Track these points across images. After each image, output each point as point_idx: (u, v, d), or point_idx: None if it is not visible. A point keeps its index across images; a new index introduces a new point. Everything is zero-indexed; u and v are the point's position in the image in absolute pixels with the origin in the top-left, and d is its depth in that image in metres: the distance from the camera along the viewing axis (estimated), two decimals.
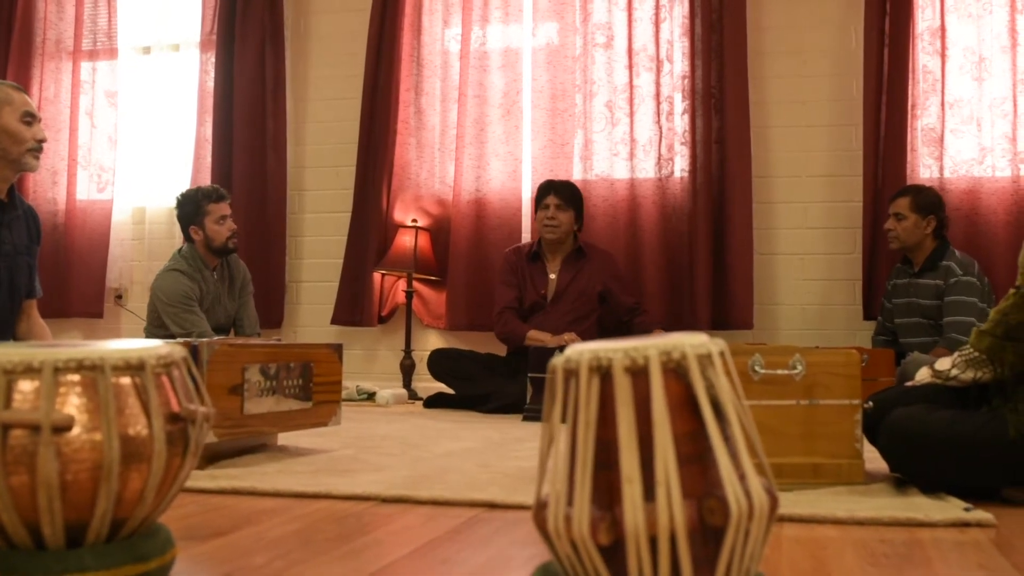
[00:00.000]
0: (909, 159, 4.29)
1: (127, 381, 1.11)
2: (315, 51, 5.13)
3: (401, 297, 4.83)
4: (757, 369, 1.91)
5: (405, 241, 4.68)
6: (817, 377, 1.94)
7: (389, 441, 2.75)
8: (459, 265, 4.71)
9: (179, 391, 1.17)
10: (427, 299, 4.88)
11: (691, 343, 0.94)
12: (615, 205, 4.56)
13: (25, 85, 5.25)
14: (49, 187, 5.28)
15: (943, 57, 4.28)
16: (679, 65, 4.52)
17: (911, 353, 3.50)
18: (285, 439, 2.63)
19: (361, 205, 4.86)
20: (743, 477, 0.92)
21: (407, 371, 4.69)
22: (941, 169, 4.27)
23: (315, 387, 2.42)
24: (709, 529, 0.89)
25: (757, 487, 0.91)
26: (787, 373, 1.92)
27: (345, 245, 4.89)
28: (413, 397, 4.57)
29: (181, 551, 1.26)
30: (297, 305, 5.08)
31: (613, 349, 0.92)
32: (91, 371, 1.09)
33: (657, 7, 4.56)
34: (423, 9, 4.89)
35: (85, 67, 5.40)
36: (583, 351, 0.94)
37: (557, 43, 4.71)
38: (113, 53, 5.34)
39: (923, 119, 4.30)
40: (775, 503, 0.94)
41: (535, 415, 3.58)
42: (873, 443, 2.02)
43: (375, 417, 3.65)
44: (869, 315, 4.31)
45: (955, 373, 1.94)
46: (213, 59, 5.13)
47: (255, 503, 1.77)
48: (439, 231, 4.82)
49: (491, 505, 1.73)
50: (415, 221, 4.77)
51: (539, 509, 0.96)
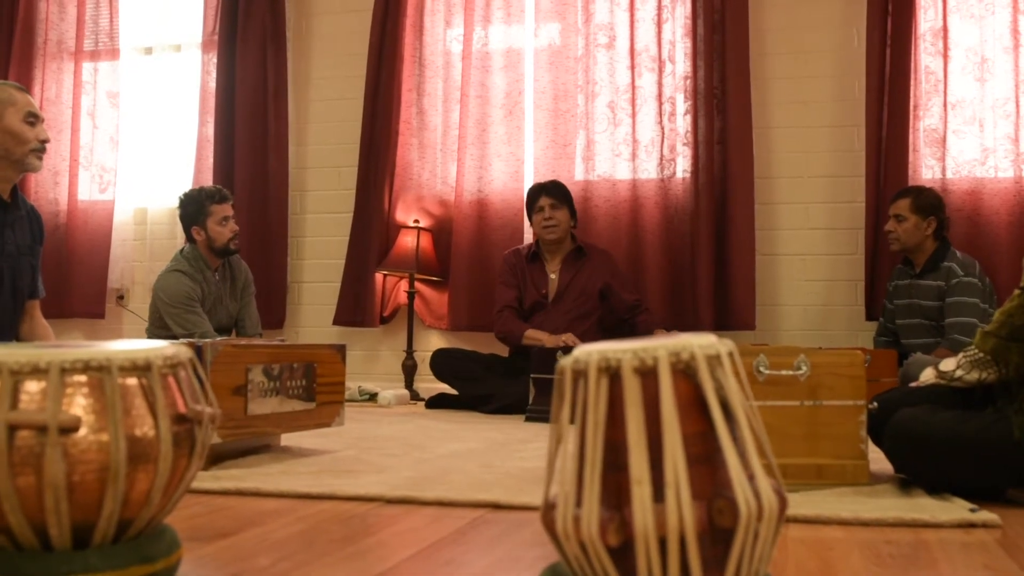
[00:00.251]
0: (911, 160, 4.28)
1: (133, 382, 1.11)
2: (317, 52, 5.12)
3: (403, 298, 4.83)
4: (762, 370, 1.91)
5: (407, 242, 4.68)
6: (821, 378, 1.93)
7: (392, 442, 2.75)
8: (461, 266, 4.71)
9: (185, 392, 1.16)
10: (429, 300, 4.87)
11: (700, 343, 0.94)
12: (617, 206, 4.56)
13: (27, 85, 5.24)
14: (51, 187, 5.27)
15: (945, 58, 4.28)
16: (681, 66, 4.52)
17: (913, 354, 3.50)
18: (288, 440, 2.63)
19: (363, 206, 4.86)
20: (752, 478, 0.92)
21: (409, 372, 4.69)
22: (943, 170, 4.27)
23: (318, 388, 2.42)
24: (718, 530, 0.89)
25: (766, 488, 0.91)
26: (792, 374, 1.91)
27: (347, 246, 4.89)
28: (415, 398, 4.57)
29: (186, 552, 1.26)
30: (299, 306, 5.07)
31: (622, 350, 0.92)
32: (98, 372, 1.08)
33: (659, 8, 4.55)
34: (425, 10, 4.89)
35: (87, 68, 5.40)
36: (591, 352, 0.94)
37: (559, 44, 4.71)
38: (115, 54, 5.34)
39: (925, 120, 4.30)
40: (784, 504, 0.94)
41: (538, 416, 3.58)
42: (878, 444, 2.02)
43: (377, 418, 3.65)
44: (871, 316, 4.31)
45: (960, 374, 1.94)
46: (215, 60, 5.13)
47: (259, 504, 1.77)
48: (441, 232, 4.82)
49: (496, 506, 1.73)
50: (417, 222, 4.77)
51: (547, 510, 0.95)
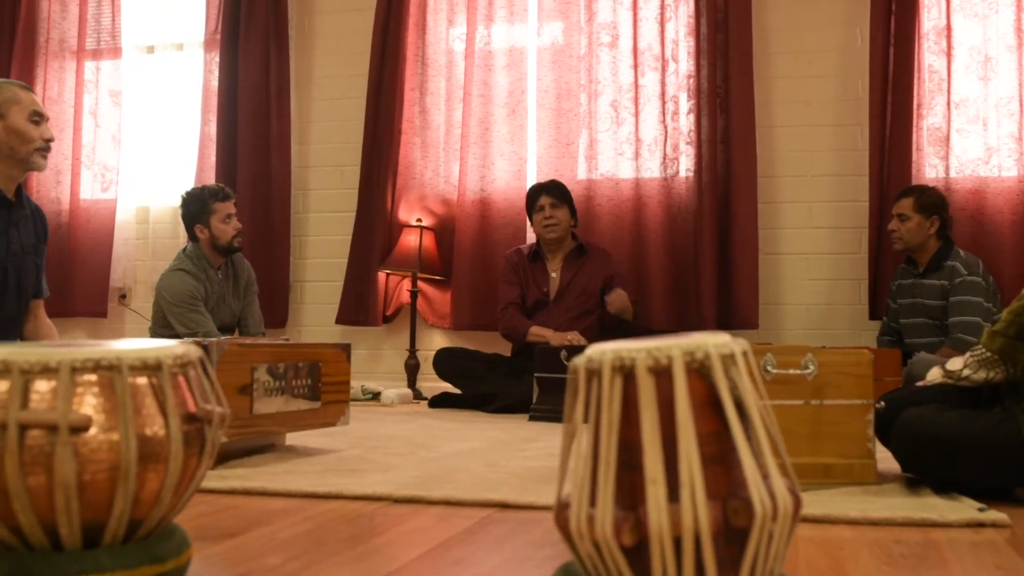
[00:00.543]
0: (915, 159, 4.28)
1: (144, 381, 1.10)
2: (320, 50, 5.12)
3: (406, 297, 4.83)
4: (769, 369, 1.91)
5: (410, 241, 4.67)
6: (829, 377, 1.93)
7: (396, 441, 2.75)
8: (464, 265, 4.71)
9: (195, 391, 1.16)
10: (432, 299, 4.87)
11: (714, 343, 0.94)
12: (620, 205, 4.55)
13: (29, 84, 5.23)
14: (53, 186, 5.27)
15: (949, 57, 4.27)
16: (684, 65, 4.51)
17: (917, 353, 3.49)
18: (292, 439, 2.63)
19: (366, 205, 4.86)
20: (766, 477, 0.92)
21: (412, 371, 4.68)
22: (947, 169, 4.26)
23: (323, 387, 2.42)
24: (733, 530, 0.89)
25: (781, 487, 0.91)
26: (799, 373, 1.91)
27: (350, 245, 4.88)
28: (418, 397, 4.57)
29: (194, 552, 1.26)
30: (301, 304, 5.07)
31: (636, 349, 0.92)
32: (108, 371, 1.08)
33: (662, 7, 4.55)
34: (428, 8, 4.88)
35: (89, 66, 5.40)
36: (605, 351, 0.93)
37: (562, 42, 4.70)
38: (117, 52, 5.34)
39: (929, 119, 4.29)
40: (799, 504, 0.93)
41: (541, 415, 3.58)
42: (884, 443, 2.01)
43: (380, 417, 3.65)
44: (875, 315, 4.30)
45: (967, 373, 1.93)
46: (217, 58, 5.12)
47: (266, 503, 1.77)
48: (444, 231, 4.81)
49: (503, 505, 1.72)
50: (420, 221, 4.76)
51: (561, 510, 0.95)
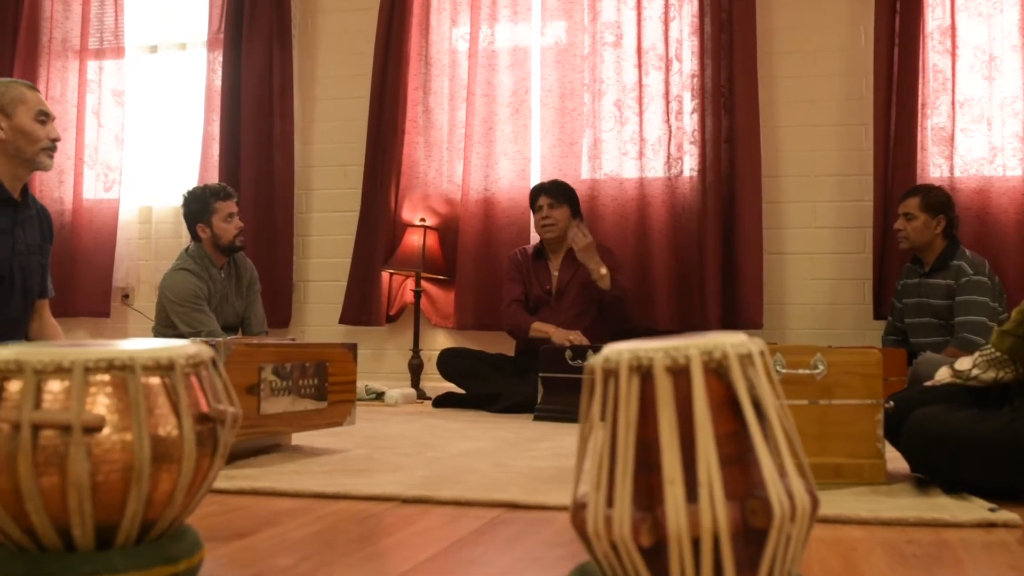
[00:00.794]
0: (919, 158, 4.27)
1: (156, 381, 1.10)
2: (323, 50, 5.11)
3: (409, 296, 4.82)
4: (779, 369, 1.90)
5: (413, 240, 4.67)
6: (838, 377, 1.93)
7: (402, 441, 2.74)
8: (467, 264, 4.70)
9: (207, 391, 1.16)
10: (435, 298, 4.86)
11: (731, 342, 0.93)
12: (624, 204, 4.55)
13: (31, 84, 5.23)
14: (56, 186, 5.27)
15: (953, 56, 4.27)
16: (688, 64, 4.51)
17: (923, 353, 3.48)
18: (298, 439, 2.63)
19: (369, 204, 4.85)
20: (784, 477, 0.92)
21: (415, 371, 4.68)
22: (951, 168, 4.26)
23: (330, 387, 2.41)
24: (751, 530, 0.88)
25: (799, 487, 0.91)
26: (808, 373, 1.91)
27: (353, 244, 4.88)
28: (421, 397, 4.56)
29: (206, 552, 1.25)
30: (304, 304, 5.07)
31: (653, 348, 0.91)
32: (121, 371, 1.07)
33: (666, 6, 4.54)
34: (431, 8, 4.88)
35: (92, 66, 5.39)
36: (622, 351, 0.93)
37: (566, 42, 4.70)
38: (120, 52, 5.33)
39: (933, 118, 4.29)
40: (816, 504, 0.93)
41: (546, 415, 3.57)
42: (893, 443, 2.01)
43: (385, 417, 3.65)
44: (879, 315, 4.29)
45: (976, 373, 1.93)
46: (220, 58, 5.12)
47: (274, 503, 1.76)
48: (447, 230, 4.81)
49: (513, 505, 1.72)
50: (423, 220, 4.76)
51: (577, 510, 0.95)
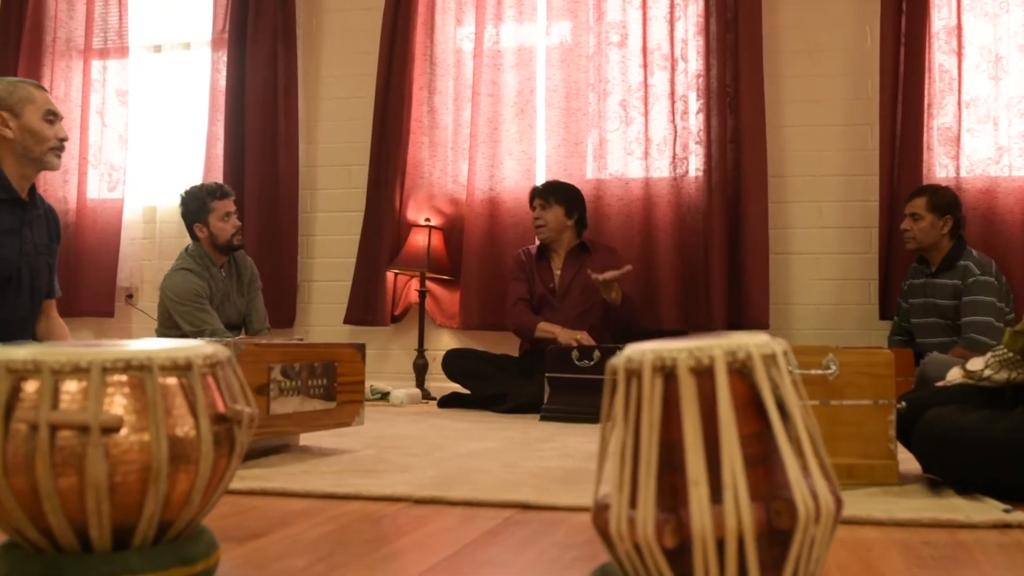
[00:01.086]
0: (925, 158, 4.26)
1: (173, 381, 1.10)
2: (327, 49, 5.11)
3: (414, 296, 4.82)
4: (791, 369, 1.89)
5: (418, 240, 4.66)
6: (850, 377, 1.92)
7: (410, 441, 2.74)
8: (472, 264, 4.70)
9: (224, 392, 1.15)
10: (440, 299, 4.86)
11: (755, 343, 0.93)
12: (629, 204, 4.54)
13: None
14: (60, 186, 5.26)
15: (959, 56, 4.26)
16: (694, 64, 4.50)
17: (930, 353, 3.48)
18: (306, 439, 2.62)
19: (374, 204, 4.84)
20: (808, 478, 0.91)
21: (420, 371, 4.67)
22: (957, 168, 4.25)
23: (339, 387, 2.41)
24: (775, 532, 0.88)
25: (823, 488, 0.90)
26: (821, 373, 1.90)
27: (358, 244, 4.87)
28: (426, 397, 4.55)
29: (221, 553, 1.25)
30: (309, 304, 5.06)
31: (677, 349, 0.91)
32: (139, 371, 1.07)
33: (672, 6, 4.53)
34: (436, 8, 4.87)
35: (96, 65, 5.39)
36: (645, 351, 0.92)
37: (571, 42, 4.69)
38: (124, 51, 5.33)
39: (939, 118, 4.28)
40: (840, 505, 0.92)
41: (553, 415, 3.57)
42: (904, 444, 2.00)
43: (390, 417, 3.64)
44: (885, 315, 4.29)
45: (988, 373, 1.92)
46: (225, 57, 5.11)
47: (286, 504, 1.76)
48: (452, 230, 4.80)
49: (525, 506, 1.71)
50: (428, 220, 4.75)
51: (599, 511, 0.94)
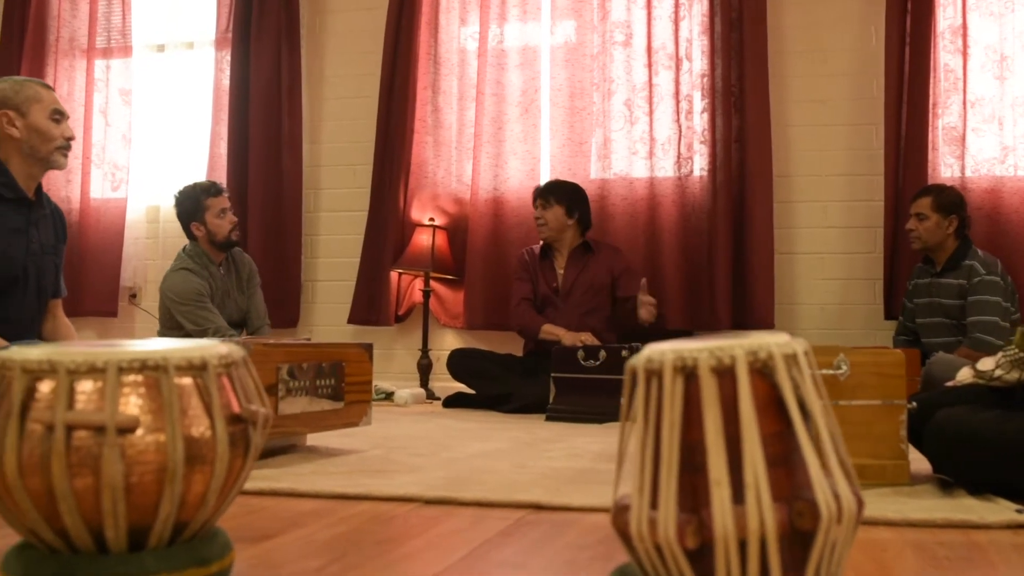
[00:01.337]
0: (930, 158, 4.26)
1: (188, 382, 1.09)
2: (331, 49, 5.10)
3: (418, 296, 4.81)
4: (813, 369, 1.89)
5: (422, 240, 4.66)
6: (861, 377, 1.91)
7: (417, 441, 2.73)
8: (476, 264, 4.69)
9: (239, 392, 1.15)
10: (444, 298, 4.85)
11: (776, 342, 0.93)
12: (634, 204, 4.53)
13: None
14: (63, 186, 5.25)
15: (965, 55, 4.25)
16: (698, 63, 4.49)
17: (936, 353, 3.47)
18: (313, 439, 2.62)
19: (378, 204, 4.84)
20: (830, 478, 0.91)
21: (424, 371, 4.66)
22: (962, 168, 4.24)
23: (346, 387, 2.40)
24: (797, 532, 0.87)
25: (845, 489, 0.90)
26: (832, 373, 1.90)
27: (362, 244, 4.86)
28: (431, 397, 4.55)
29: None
30: (313, 304, 5.06)
31: (697, 349, 0.91)
32: (154, 371, 1.07)
33: (676, 5, 4.52)
34: (440, 7, 4.86)
35: (99, 65, 5.38)
36: (665, 351, 0.92)
37: (575, 41, 4.68)
38: (127, 51, 5.32)
39: (944, 118, 4.27)
40: (862, 505, 0.92)
41: (559, 415, 3.56)
42: (915, 444, 1.99)
43: (396, 417, 3.64)
44: (890, 315, 4.28)
45: (999, 373, 1.91)
46: (228, 57, 5.11)
47: (296, 504, 1.75)
48: (456, 230, 4.80)
49: (537, 507, 1.71)
50: (432, 220, 4.75)
51: (619, 511, 0.94)
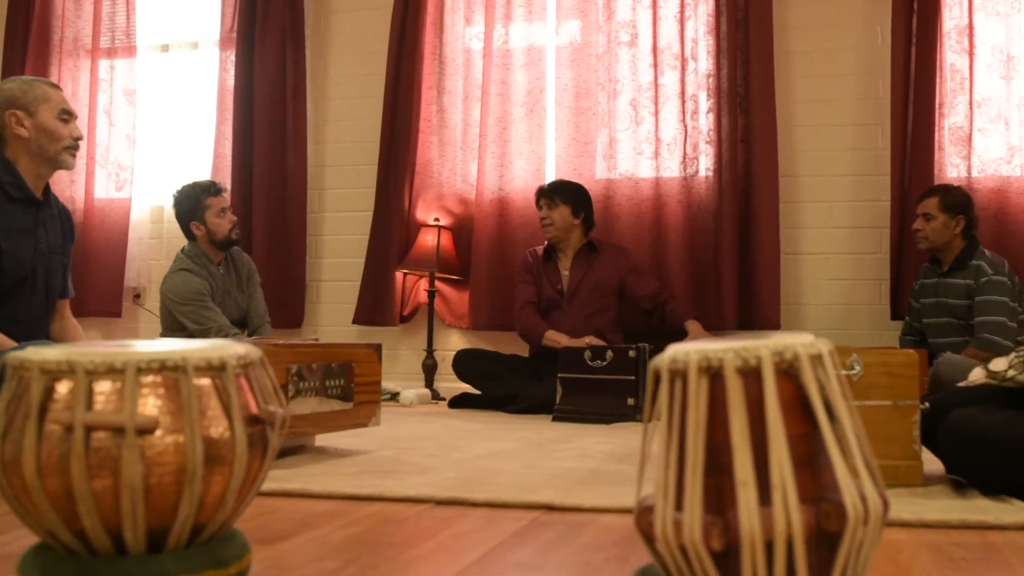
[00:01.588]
0: (936, 158, 4.25)
1: (207, 382, 1.09)
2: (336, 49, 5.09)
3: (423, 297, 4.80)
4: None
5: (427, 240, 4.65)
6: (873, 378, 1.91)
7: (425, 442, 2.73)
8: (482, 264, 4.68)
9: (257, 392, 1.14)
10: (449, 299, 4.84)
11: (802, 343, 0.92)
12: (640, 204, 4.53)
13: None
14: (67, 186, 5.25)
15: (971, 55, 4.24)
16: (704, 63, 4.48)
17: (943, 354, 3.46)
18: (321, 440, 2.61)
19: (383, 204, 4.83)
20: (856, 480, 0.90)
21: (429, 371, 4.66)
22: (969, 168, 4.23)
23: (356, 387, 2.40)
24: (824, 534, 0.87)
25: (871, 490, 0.89)
26: (845, 373, 1.89)
27: (366, 244, 4.86)
28: (436, 397, 4.54)
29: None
30: (317, 304, 5.05)
31: (723, 349, 0.90)
32: (173, 372, 1.06)
33: (682, 5, 4.51)
34: (445, 7, 4.85)
35: (103, 65, 5.37)
36: (690, 351, 0.91)
37: (580, 41, 4.67)
38: (131, 51, 5.31)
39: (951, 118, 4.26)
40: (887, 506, 0.91)
41: (565, 415, 3.56)
42: (927, 445, 1.99)
43: (402, 417, 3.63)
44: (896, 315, 4.27)
45: (1012, 374, 1.91)
46: (233, 57, 5.10)
47: (308, 505, 1.75)
48: (462, 230, 4.79)
49: (549, 508, 1.70)
50: (437, 220, 4.74)
51: (642, 513, 0.93)
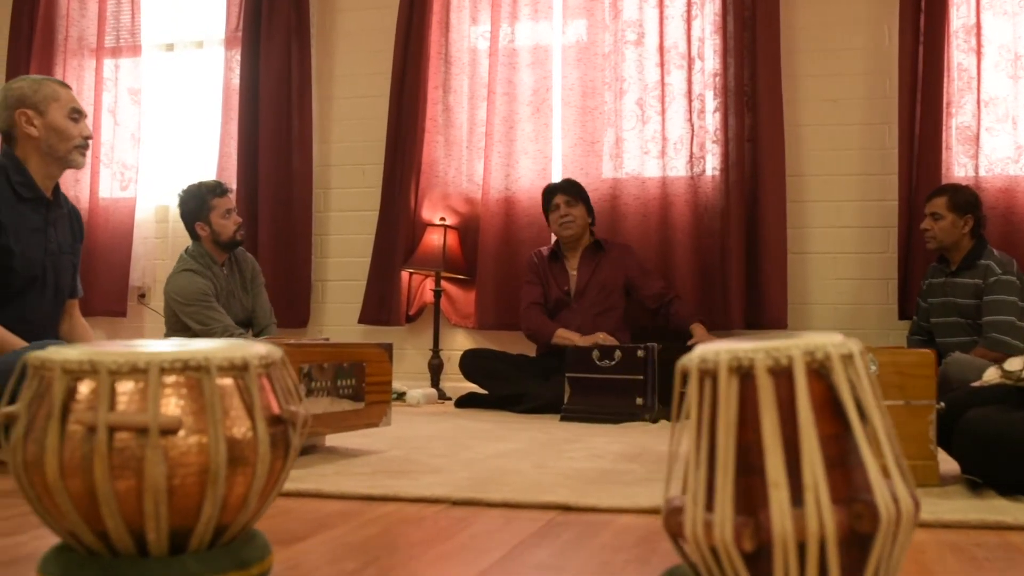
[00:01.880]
0: (944, 157, 4.24)
1: (229, 382, 1.08)
2: (342, 48, 5.08)
3: (429, 296, 4.80)
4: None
5: (433, 240, 4.64)
6: (889, 377, 1.90)
7: (435, 442, 2.72)
8: (488, 264, 4.67)
9: (279, 393, 1.14)
10: (455, 298, 4.83)
11: (833, 343, 0.92)
12: (646, 204, 4.52)
13: None
14: (72, 185, 5.24)
15: (978, 55, 4.23)
16: (711, 63, 4.48)
17: (952, 354, 3.46)
18: (332, 440, 2.61)
19: (388, 203, 4.82)
20: (888, 480, 0.89)
21: (435, 371, 4.65)
22: (976, 167, 4.22)
23: (367, 387, 2.39)
24: (856, 535, 0.86)
25: (903, 490, 0.88)
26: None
27: (372, 244, 4.85)
28: (442, 397, 4.54)
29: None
30: (323, 304, 5.04)
31: (753, 349, 0.89)
32: (196, 372, 1.05)
33: (689, 4, 4.50)
34: (451, 6, 4.84)
35: (108, 64, 5.36)
36: (720, 351, 0.91)
37: (587, 40, 4.67)
38: (136, 50, 5.31)
39: (958, 117, 4.25)
40: (918, 507, 0.91)
41: (573, 415, 3.55)
42: (942, 445, 1.98)
43: (409, 417, 3.62)
44: (904, 314, 4.26)
45: None
46: (238, 56, 5.09)
47: (322, 505, 1.74)
48: (468, 229, 4.78)
49: (565, 508, 1.70)
50: (443, 219, 4.73)
51: (671, 513, 0.92)
